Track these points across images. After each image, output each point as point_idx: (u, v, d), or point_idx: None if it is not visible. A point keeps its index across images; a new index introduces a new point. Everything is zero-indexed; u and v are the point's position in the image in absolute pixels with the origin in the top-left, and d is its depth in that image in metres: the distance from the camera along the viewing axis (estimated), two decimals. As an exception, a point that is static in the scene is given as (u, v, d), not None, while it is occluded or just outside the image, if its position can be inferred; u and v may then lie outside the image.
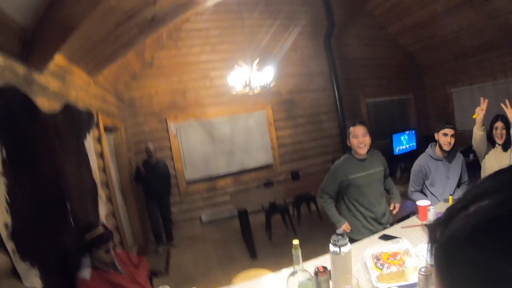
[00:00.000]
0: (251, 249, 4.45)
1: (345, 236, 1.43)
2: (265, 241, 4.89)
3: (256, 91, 4.50)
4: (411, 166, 2.95)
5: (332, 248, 1.42)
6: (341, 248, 1.39)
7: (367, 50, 7.54)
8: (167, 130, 5.95)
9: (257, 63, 4.41)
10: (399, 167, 7.18)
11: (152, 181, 4.89)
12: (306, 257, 1.68)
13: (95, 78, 3.65)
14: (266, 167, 6.65)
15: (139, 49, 4.89)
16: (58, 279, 1.99)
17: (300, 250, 1.27)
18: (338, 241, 1.40)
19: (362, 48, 7.49)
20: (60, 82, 2.63)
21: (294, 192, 5.37)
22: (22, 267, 1.65)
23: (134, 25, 2.59)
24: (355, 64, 7.36)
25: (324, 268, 1.40)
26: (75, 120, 2.89)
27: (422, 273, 1.29)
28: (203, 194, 6.25)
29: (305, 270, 1.31)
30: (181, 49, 6.03)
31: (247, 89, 4.43)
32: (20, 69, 1.98)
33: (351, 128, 2.47)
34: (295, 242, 1.27)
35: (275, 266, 2.58)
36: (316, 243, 4.39)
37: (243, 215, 4.51)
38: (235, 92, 4.50)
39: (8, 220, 1.61)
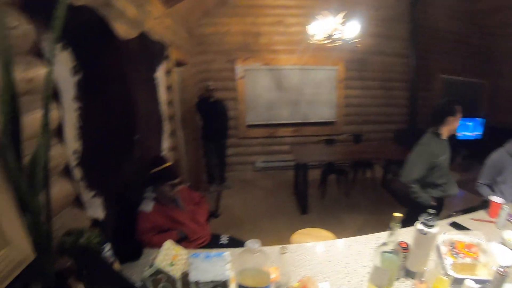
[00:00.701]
0: (303, 203, 4.42)
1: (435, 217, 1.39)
2: (316, 199, 4.84)
3: (336, 44, 4.21)
4: (474, 155, 2.68)
5: (420, 227, 1.39)
6: (430, 229, 1.36)
7: (452, 24, 6.52)
8: (234, 71, 5.88)
9: (342, 16, 4.04)
10: (461, 153, 6.54)
11: (209, 119, 4.99)
12: (355, 224, 1.61)
13: (170, 11, 3.56)
14: (329, 123, 6.46)
15: (215, -15, 4.69)
16: (120, 210, 2.04)
17: (400, 225, 1.22)
18: (429, 220, 1.37)
19: (448, 20, 6.50)
20: (137, 10, 2.56)
21: (353, 155, 5.15)
22: (87, 195, 1.67)
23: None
24: (436, 35, 6.47)
25: (407, 244, 1.43)
26: (149, 50, 2.85)
27: (501, 272, 1.23)
28: (261, 140, 6.27)
29: (397, 244, 1.27)
30: (259, -10, 5.73)
31: (328, 41, 4.16)
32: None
33: (458, 108, 2.34)
34: (397, 214, 1.21)
35: (324, 225, 2.52)
36: (367, 212, 4.25)
37: (301, 168, 4.44)
38: (315, 41, 4.25)
39: (77, 147, 1.60)
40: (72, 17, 1.49)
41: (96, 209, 1.75)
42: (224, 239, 2.38)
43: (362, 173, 5.62)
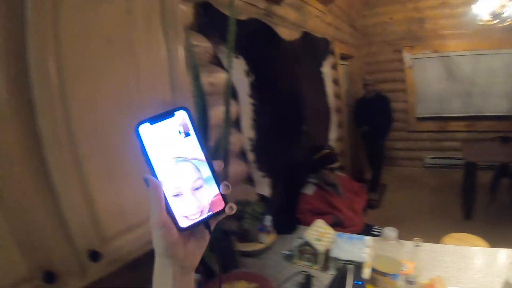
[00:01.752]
0: (468, 208, 3.75)
1: None
2: (484, 205, 3.97)
3: (507, 23, 3.38)
4: None
5: None
6: None
7: None
8: (401, 61, 5.47)
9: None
10: None
11: (368, 117, 4.48)
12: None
13: (329, 7, 3.70)
14: (507, 118, 5.11)
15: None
16: (284, 190, 2.33)
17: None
18: None
19: None
20: (297, 13, 2.82)
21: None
22: (257, 175, 2.03)
23: None
24: None
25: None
26: (313, 47, 3.09)
27: None
28: (431, 135, 5.60)
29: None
30: (416, -28, 5.15)
31: (496, 21, 3.39)
32: (261, 3, 2.25)
33: None
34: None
35: (489, 236, 2.11)
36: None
37: (470, 168, 3.77)
38: (481, 22, 3.55)
39: (252, 134, 1.99)
40: (241, 29, 1.86)
41: (264, 187, 2.11)
42: (376, 231, 2.35)
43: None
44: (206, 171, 0.46)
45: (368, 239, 1.47)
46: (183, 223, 0.44)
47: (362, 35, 5.58)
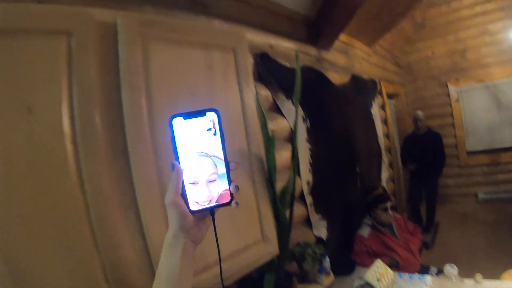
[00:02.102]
0: None
1: None
2: None
3: None
4: None
5: None
6: None
7: None
8: (448, 95, 5.31)
9: None
10: None
11: (418, 156, 4.09)
12: None
13: (373, 48, 3.78)
14: None
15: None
16: (339, 232, 2.32)
17: None
18: None
19: None
20: (344, 57, 2.91)
21: None
22: (314, 218, 2.06)
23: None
24: None
25: None
26: (362, 89, 3.14)
27: None
28: (484, 168, 5.23)
29: None
30: (452, 3, 5.12)
31: None
32: (311, 50, 2.37)
33: None
34: None
35: None
36: None
37: None
38: None
39: (310, 178, 2.04)
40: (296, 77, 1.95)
41: (321, 229, 2.11)
42: (433, 271, 2.22)
43: None
44: (222, 169, 0.53)
45: (428, 278, 1.42)
46: (194, 207, 0.52)
47: (407, 72, 5.56)
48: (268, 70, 1.80)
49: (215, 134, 0.52)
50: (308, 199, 2.01)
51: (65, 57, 0.79)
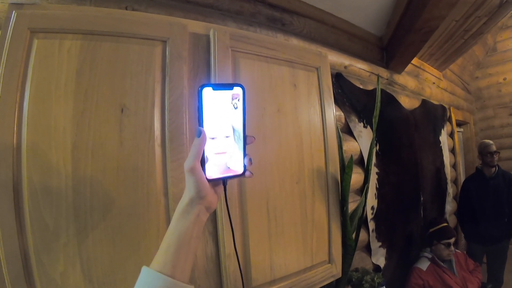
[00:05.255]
0: None
1: None
2: None
3: None
4: None
5: None
6: None
7: None
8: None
9: None
10: None
11: (486, 210, 2.81)
12: None
13: (444, 73, 3.60)
14: None
15: (480, 35, 4.35)
16: (397, 262, 2.21)
17: None
18: None
19: None
20: (415, 80, 2.80)
21: None
22: (375, 245, 1.98)
23: (482, 15, 2.45)
24: None
25: None
26: (431, 116, 2.98)
27: None
28: None
29: None
30: (526, 25, 4.74)
31: None
32: (383, 73, 2.31)
33: None
34: None
35: None
36: None
37: None
38: None
39: (375, 203, 1.98)
40: (369, 99, 1.91)
41: (379, 257, 2.03)
42: None
43: None
44: (240, 142, 0.56)
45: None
46: (210, 174, 0.54)
47: (476, 99, 5.17)
48: (342, 91, 1.79)
49: (236, 108, 0.54)
50: (371, 225, 1.94)
51: (160, 63, 0.84)
